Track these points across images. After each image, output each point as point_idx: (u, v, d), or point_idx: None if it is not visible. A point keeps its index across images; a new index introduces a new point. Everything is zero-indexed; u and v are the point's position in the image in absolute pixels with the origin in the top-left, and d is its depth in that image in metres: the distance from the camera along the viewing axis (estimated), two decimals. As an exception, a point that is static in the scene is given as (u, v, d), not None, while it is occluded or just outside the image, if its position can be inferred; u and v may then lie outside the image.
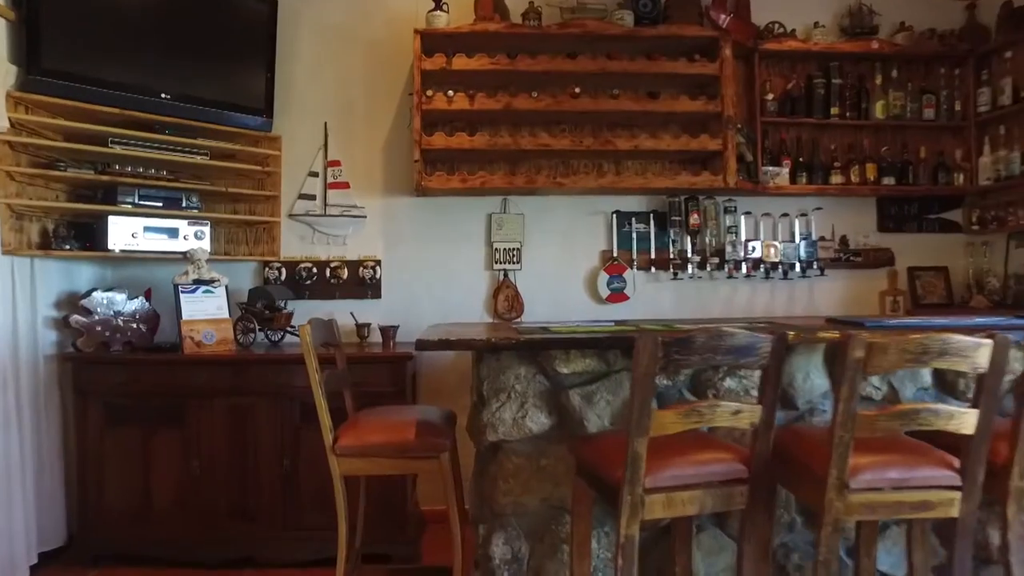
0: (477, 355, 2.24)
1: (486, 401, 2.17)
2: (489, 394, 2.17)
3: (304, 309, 3.59)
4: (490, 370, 2.18)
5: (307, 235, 3.67)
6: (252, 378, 3.10)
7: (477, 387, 2.24)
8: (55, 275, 3.25)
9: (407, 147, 3.63)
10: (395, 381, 3.10)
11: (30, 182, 3.05)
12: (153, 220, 3.21)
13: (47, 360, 3.15)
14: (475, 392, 2.31)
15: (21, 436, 2.97)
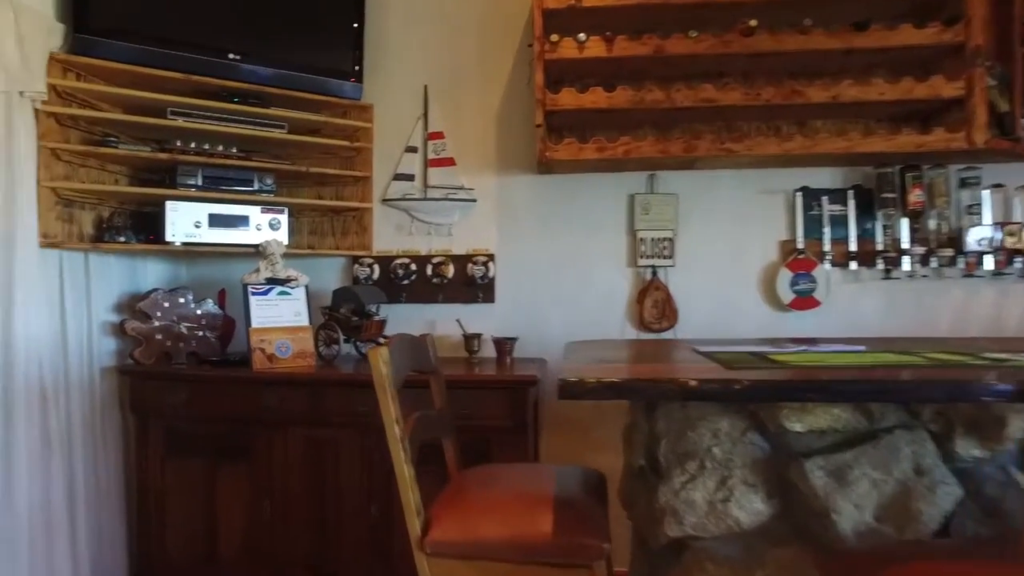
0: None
1: (664, 471, 1.36)
2: (669, 460, 1.36)
3: (400, 315, 2.92)
4: (672, 423, 1.36)
5: (404, 224, 3.00)
6: (334, 403, 2.45)
7: (647, 445, 1.44)
8: (116, 273, 2.75)
9: (526, 111, 2.88)
10: (514, 413, 2.34)
11: (82, 163, 2.55)
12: (220, 207, 2.63)
13: (104, 373, 2.64)
14: (640, 450, 1.50)
15: (72, 463, 2.48)
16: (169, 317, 2.67)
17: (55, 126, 2.43)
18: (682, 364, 1.42)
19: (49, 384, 2.37)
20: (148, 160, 2.58)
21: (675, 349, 1.74)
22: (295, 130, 2.78)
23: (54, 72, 2.38)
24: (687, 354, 1.60)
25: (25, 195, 2.30)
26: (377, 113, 2.99)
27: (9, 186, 2.26)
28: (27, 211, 2.31)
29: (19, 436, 2.28)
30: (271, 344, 2.55)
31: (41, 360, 2.35)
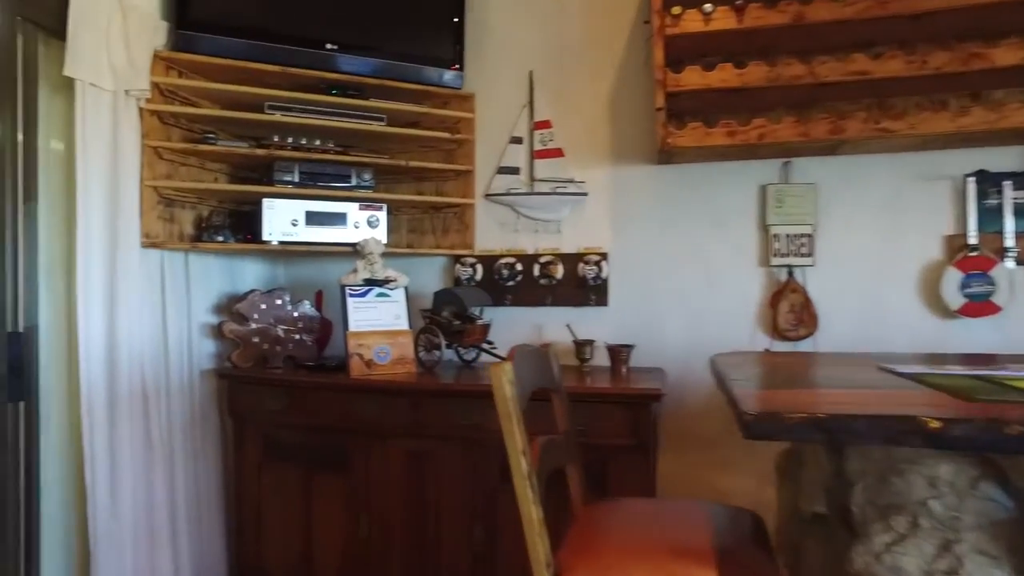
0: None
1: (859, 526, 1.07)
2: (867, 513, 1.06)
3: (504, 318, 2.71)
4: (869, 463, 1.07)
5: (509, 221, 2.78)
6: (435, 414, 2.26)
7: (832, 489, 1.14)
8: (215, 274, 2.68)
9: (642, 95, 2.60)
10: (635, 430, 2.07)
11: (183, 161, 2.48)
12: (317, 204, 2.50)
13: (203, 376, 2.57)
14: (816, 492, 1.21)
15: (174, 467, 2.41)
16: (266, 319, 2.57)
17: (158, 125, 2.37)
18: (893, 391, 1.12)
19: (151, 386, 2.31)
20: (246, 157, 2.48)
21: (858, 368, 1.42)
22: (394, 122, 2.62)
23: (157, 70, 2.32)
24: (880, 376, 1.29)
25: (129, 195, 2.25)
26: (479, 103, 2.79)
27: (114, 186, 2.20)
28: (130, 211, 2.25)
29: (123, 438, 2.22)
30: (369, 349, 2.39)
31: (143, 362, 2.29)
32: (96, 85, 2.14)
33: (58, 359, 2.17)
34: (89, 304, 2.11)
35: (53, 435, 2.17)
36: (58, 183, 2.17)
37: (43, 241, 2.12)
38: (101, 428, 2.15)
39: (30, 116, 2.08)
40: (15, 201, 2.03)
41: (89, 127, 2.13)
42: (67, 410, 2.19)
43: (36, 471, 2.11)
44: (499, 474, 2.19)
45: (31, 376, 2.07)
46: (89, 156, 2.13)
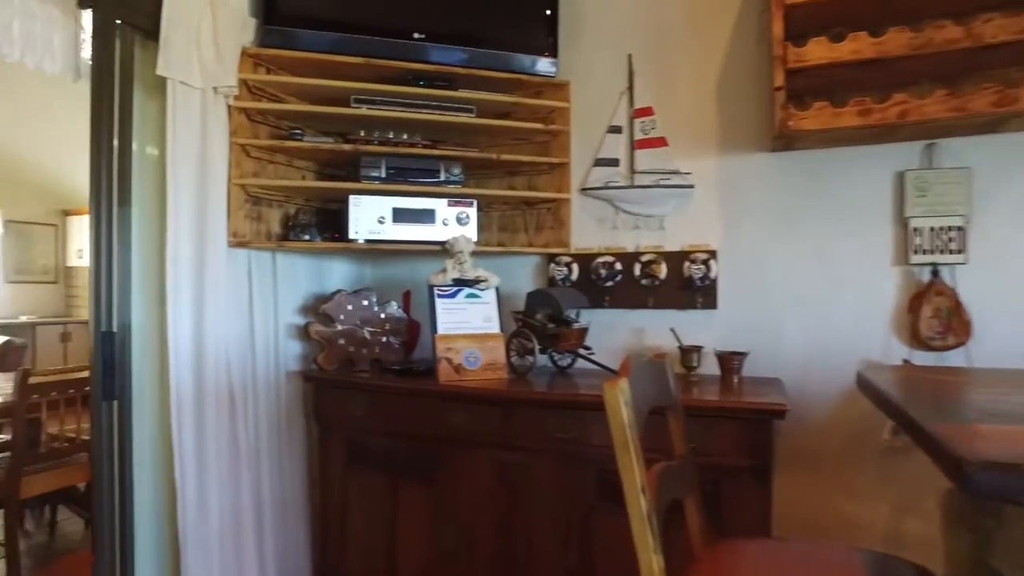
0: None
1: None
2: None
3: (602, 322, 2.50)
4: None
5: (607, 217, 2.58)
6: (528, 424, 2.09)
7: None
8: (302, 273, 2.62)
9: (756, 75, 2.34)
10: (751, 450, 1.82)
11: (270, 159, 2.43)
12: (404, 200, 2.38)
13: (290, 378, 2.52)
14: (1006, 549, 0.95)
15: (260, 470, 2.36)
16: (352, 320, 2.48)
17: (245, 122, 2.32)
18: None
19: (237, 387, 2.26)
20: (332, 153, 2.40)
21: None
22: (484, 114, 2.48)
23: (245, 67, 2.27)
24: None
25: (216, 193, 2.20)
26: (574, 91, 2.60)
27: (202, 185, 2.16)
28: (218, 210, 2.20)
29: (210, 439, 2.17)
30: (458, 353, 2.25)
31: (230, 362, 2.24)
32: (186, 83, 2.10)
33: (151, 359, 2.14)
34: (178, 304, 2.08)
35: (146, 434, 2.15)
36: (152, 187, 2.14)
37: (136, 243, 2.10)
38: (189, 428, 2.11)
39: (125, 119, 2.06)
40: (110, 204, 2.01)
41: (179, 126, 2.10)
42: (159, 410, 2.16)
43: (129, 469, 2.08)
44: (596, 492, 2.00)
45: (124, 375, 2.06)
46: (178, 155, 2.09)
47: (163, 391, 2.12)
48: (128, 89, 2.07)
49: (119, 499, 2.05)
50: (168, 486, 2.13)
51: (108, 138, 1.99)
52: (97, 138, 1.96)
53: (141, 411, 2.12)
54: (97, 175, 1.96)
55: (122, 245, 2.04)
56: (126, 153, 2.04)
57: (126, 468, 2.07)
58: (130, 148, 2.05)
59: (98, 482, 2.00)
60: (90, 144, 1.95)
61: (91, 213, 1.96)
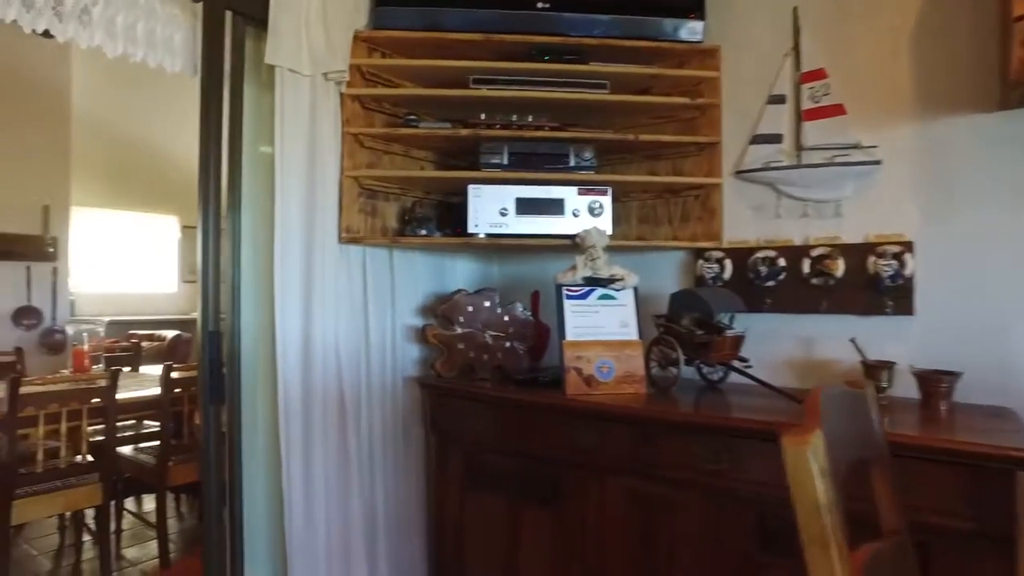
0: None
1: None
2: None
3: (761, 328, 2.10)
4: None
5: (767, 204, 2.16)
6: (672, 449, 1.75)
7: None
8: (420, 272, 2.44)
9: (974, 7, 1.83)
10: (981, 510, 1.36)
11: (386, 148, 2.26)
12: (529, 189, 2.12)
13: (407, 384, 2.34)
14: None
15: (373, 483, 2.21)
16: (473, 323, 2.26)
17: (359, 110, 2.16)
18: None
19: (349, 393, 2.11)
20: (449, 139, 2.18)
21: None
22: (619, 89, 2.16)
23: (358, 52, 2.11)
24: None
25: (327, 186, 2.06)
26: (726, 57, 2.21)
27: (312, 177, 2.03)
28: (329, 204, 2.06)
29: (318, 446, 2.04)
30: (589, 363, 1.95)
31: (342, 366, 2.09)
32: (295, 71, 1.98)
33: (262, 361, 2.04)
34: (285, 304, 1.95)
35: (259, 439, 2.05)
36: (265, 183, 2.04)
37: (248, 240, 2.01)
38: (296, 435, 1.99)
39: (236, 114, 1.96)
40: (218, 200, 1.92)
41: (288, 116, 1.97)
42: (270, 414, 2.05)
43: (238, 474, 1.99)
44: (756, 540, 1.62)
45: (233, 377, 1.96)
46: (287, 146, 1.97)
47: (274, 394, 2.01)
48: (238, 82, 1.97)
49: (228, 505, 1.97)
50: (278, 493, 2.01)
51: (217, 132, 1.89)
52: (206, 132, 1.87)
53: (253, 414, 2.02)
54: (206, 169, 1.87)
55: (233, 242, 1.95)
56: (236, 147, 1.94)
57: (235, 473, 1.97)
58: (240, 142, 1.95)
59: (206, 486, 1.92)
60: (199, 138, 1.87)
61: (200, 209, 1.87)
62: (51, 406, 2.62)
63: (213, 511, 1.93)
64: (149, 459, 3.12)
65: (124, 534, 3.43)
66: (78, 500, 2.79)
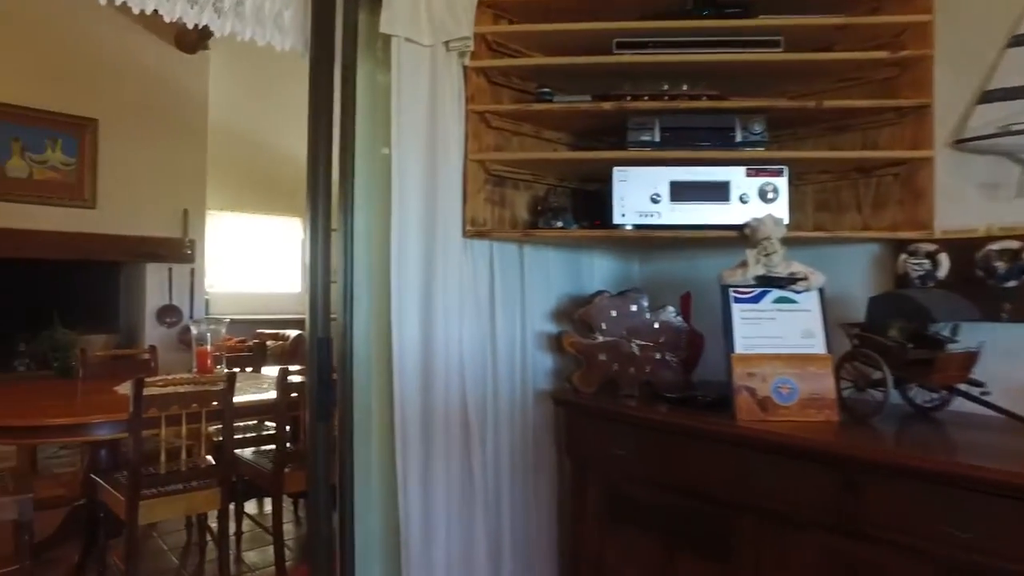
0: None
1: None
2: None
3: (999, 343, 1.61)
4: None
5: (1004, 180, 1.67)
6: (885, 500, 1.34)
7: None
8: (554, 270, 2.14)
9: None
10: None
11: (515, 129, 1.98)
12: (685, 171, 1.76)
13: (539, 399, 2.05)
14: None
15: (499, 511, 1.93)
16: (617, 330, 1.92)
17: (484, 85, 1.89)
18: None
19: (474, 407, 1.84)
20: (589, 115, 1.86)
21: None
22: (794, 46, 1.75)
23: (482, 19, 1.84)
24: None
25: (450, 173, 1.80)
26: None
27: (433, 163, 1.78)
28: (452, 193, 1.81)
29: (439, 469, 1.79)
30: (765, 382, 1.57)
31: (465, 378, 1.83)
32: (413, 40, 1.73)
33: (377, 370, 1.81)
34: (403, 308, 1.71)
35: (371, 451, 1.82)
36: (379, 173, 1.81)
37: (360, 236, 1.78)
38: (415, 452, 1.74)
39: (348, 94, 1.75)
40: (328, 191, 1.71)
41: (405, 93, 1.73)
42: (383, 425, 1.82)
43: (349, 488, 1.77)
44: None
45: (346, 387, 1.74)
46: (404, 127, 1.72)
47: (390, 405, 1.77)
48: (351, 60, 1.75)
49: (339, 518, 1.75)
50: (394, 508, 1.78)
51: (327, 115, 1.68)
52: (316, 114, 1.66)
53: (366, 426, 1.80)
54: (315, 156, 1.66)
55: (344, 238, 1.73)
56: (348, 131, 1.72)
57: (346, 485, 1.75)
58: (352, 126, 1.73)
59: (313, 505, 1.71)
60: (308, 120, 1.66)
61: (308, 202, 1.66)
62: (172, 408, 2.55)
63: (321, 526, 1.72)
64: (266, 464, 3.03)
65: (245, 536, 3.38)
66: (197, 504, 2.72)
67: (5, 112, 4.97)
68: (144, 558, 3.12)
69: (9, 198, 5.02)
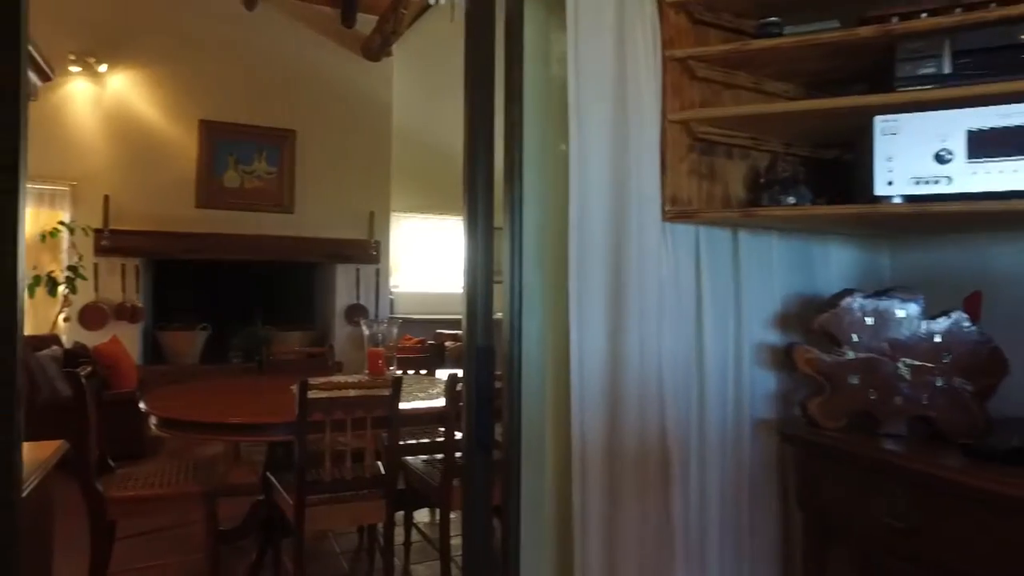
0: None
1: None
2: None
3: None
4: None
5: None
6: None
7: None
8: (781, 262, 1.64)
9: None
10: None
11: (727, 80, 1.53)
12: (990, 113, 1.20)
13: (758, 430, 1.57)
14: None
15: (704, 569, 1.49)
16: (876, 344, 1.39)
17: (685, 25, 1.47)
18: None
19: (674, 441, 1.42)
20: (835, 51, 1.36)
21: None
22: None
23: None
24: None
25: (644, 138, 1.40)
26: None
27: (619, 125, 1.39)
28: (646, 164, 1.40)
29: (629, 517, 1.40)
30: None
31: (663, 401, 1.42)
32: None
33: (551, 386, 1.46)
34: (585, 312, 1.34)
35: (546, 491, 1.48)
36: (549, 151, 1.46)
37: (531, 224, 1.44)
38: (597, 488, 1.37)
39: (514, 45, 1.42)
40: (488, 161, 1.38)
41: (584, 38, 1.37)
42: (562, 455, 1.46)
43: (515, 537, 1.43)
44: None
45: (513, 403, 1.41)
46: (584, 81, 1.36)
47: (565, 429, 1.41)
48: (517, 7, 1.41)
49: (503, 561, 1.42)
50: (570, 568, 1.42)
51: (485, 72, 1.35)
52: (473, 73, 1.34)
53: (539, 456, 1.45)
54: (472, 127, 1.33)
55: (512, 228, 1.39)
56: (515, 92, 1.39)
57: (511, 531, 1.42)
58: (519, 82, 1.40)
59: (469, 548, 1.38)
60: (465, 82, 1.34)
61: (465, 178, 1.35)
62: (336, 413, 2.41)
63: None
64: (435, 475, 2.82)
65: (414, 547, 3.22)
66: (362, 514, 2.58)
67: (224, 130, 5.42)
68: (316, 559, 3.07)
69: (225, 206, 5.46)
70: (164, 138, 5.25)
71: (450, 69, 5.75)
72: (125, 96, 5.11)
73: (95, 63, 4.90)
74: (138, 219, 5.09)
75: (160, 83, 5.20)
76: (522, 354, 1.37)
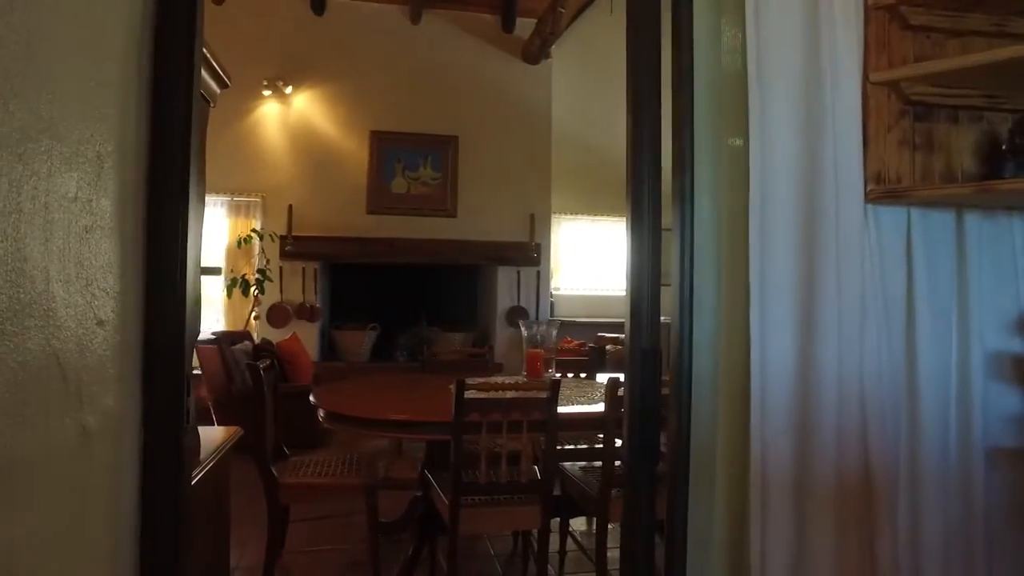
0: None
1: None
2: None
3: None
4: None
5: None
6: None
7: None
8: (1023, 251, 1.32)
9: None
10: None
11: (952, 26, 1.24)
12: None
13: (996, 461, 1.27)
14: None
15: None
16: None
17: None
18: None
19: (879, 470, 1.17)
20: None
21: None
22: None
23: None
24: None
25: (841, 103, 1.18)
26: None
27: (810, 89, 1.17)
28: (843, 134, 1.17)
29: (820, 556, 1.17)
30: None
31: (865, 421, 1.17)
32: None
33: (726, 398, 1.27)
34: (767, 315, 1.14)
35: (716, 515, 1.29)
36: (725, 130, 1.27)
37: (704, 211, 1.26)
38: (782, 522, 1.16)
39: (682, 16, 1.26)
40: (654, 136, 1.22)
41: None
42: (737, 479, 1.26)
43: (679, 559, 1.26)
44: None
45: (682, 414, 1.24)
46: (767, 38, 1.16)
47: (743, 451, 1.21)
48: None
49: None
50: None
51: (652, 58, 1.19)
52: (636, 57, 1.19)
53: (708, 475, 1.27)
54: (637, 105, 1.18)
55: (681, 220, 1.22)
56: (684, 65, 1.22)
57: (674, 550, 1.24)
58: (689, 53, 1.22)
59: (629, 564, 1.23)
60: (628, 69, 1.19)
61: (629, 162, 1.20)
62: (493, 415, 2.35)
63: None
64: (592, 482, 2.68)
65: (568, 556, 3.10)
66: (517, 520, 2.51)
67: (392, 139, 5.70)
68: (470, 559, 3.04)
69: (393, 212, 5.73)
70: (339, 150, 5.61)
71: (609, 69, 5.62)
72: (306, 113, 5.53)
73: (283, 85, 5.36)
74: (316, 226, 5.49)
75: (335, 98, 5.57)
76: (692, 358, 1.20)
